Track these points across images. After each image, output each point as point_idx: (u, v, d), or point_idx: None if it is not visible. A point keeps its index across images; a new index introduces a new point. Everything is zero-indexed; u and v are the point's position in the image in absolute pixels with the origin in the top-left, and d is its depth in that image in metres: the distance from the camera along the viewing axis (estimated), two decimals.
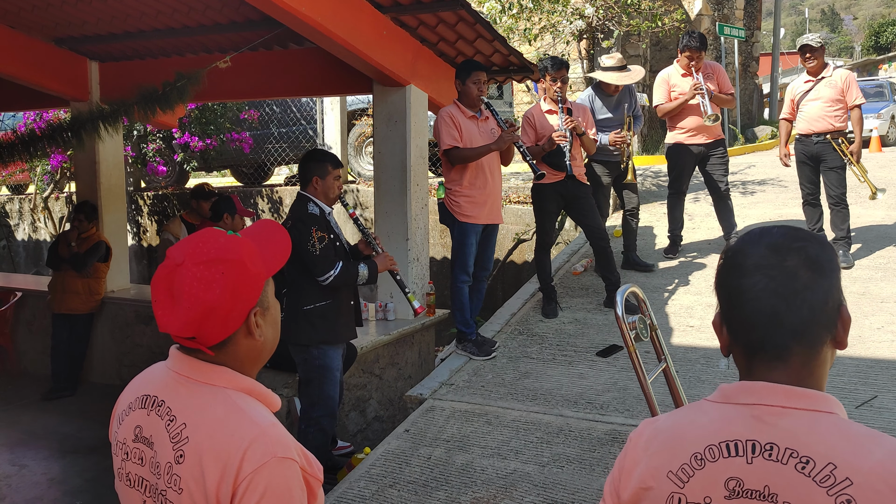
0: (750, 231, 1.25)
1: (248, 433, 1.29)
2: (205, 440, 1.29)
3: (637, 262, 6.51)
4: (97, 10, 5.62)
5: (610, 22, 8.87)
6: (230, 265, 1.34)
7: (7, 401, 6.48)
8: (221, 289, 1.32)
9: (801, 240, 1.19)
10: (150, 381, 1.45)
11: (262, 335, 1.41)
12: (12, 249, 12.22)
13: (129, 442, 1.41)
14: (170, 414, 1.36)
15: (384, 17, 5.15)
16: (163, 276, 1.35)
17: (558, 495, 3.52)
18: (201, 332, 1.33)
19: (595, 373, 4.84)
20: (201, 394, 1.36)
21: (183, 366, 1.39)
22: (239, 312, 1.35)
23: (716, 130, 6.44)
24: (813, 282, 1.15)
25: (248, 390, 1.38)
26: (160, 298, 1.35)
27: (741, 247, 1.22)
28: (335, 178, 4.14)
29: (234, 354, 1.39)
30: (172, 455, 1.31)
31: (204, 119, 10.19)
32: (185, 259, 1.34)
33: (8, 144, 5.58)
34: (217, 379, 1.37)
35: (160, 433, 1.35)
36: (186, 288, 1.31)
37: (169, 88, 5.14)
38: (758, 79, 17.25)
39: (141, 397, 1.42)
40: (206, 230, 1.41)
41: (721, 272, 1.24)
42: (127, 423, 1.43)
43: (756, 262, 1.18)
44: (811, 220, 6.43)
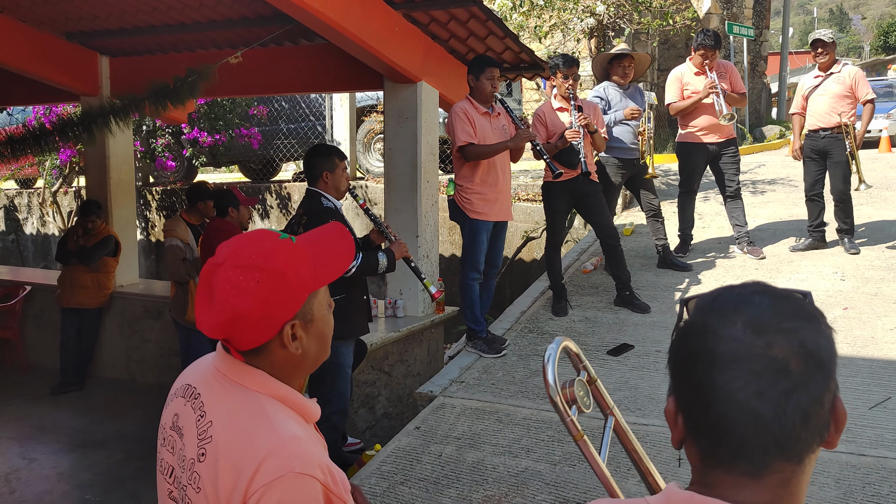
0: (719, 295, 0.96)
1: (267, 444, 1.23)
2: (224, 443, 1.26)
3: (674, 262, 6.47)
4: (108, 5, 5.62)
5: (621, 20, 8.84)
6: (267, 274, 1.28)
7: (16, 395, 6.50)
8: (253, 298, 1.26)
9: (791, 317, 0.90)
10: (196, 371, 1.42)
11: (301, 348, 1.34)
12: (21, 243, 12.24)
13: (167, 428, 1.39)
14: (201, 409, 1.33)
15: (396, 14, 5.13)
16: (206, 273, 1.32)
17: (570, 494, 3.50)
18: (232, 337, 1.30)
19: (606, 371, 4.82)
20: (233, 394, 1.31)
21: (223, 363, 1.35)
22: (271, 323, 1.29)
23: (728, 129, 6.42)
24: (807, 378, 0.88)
25: (281, 398, 1.32)
26: (201, 294, 1.32)
27: (710, 323, 0.92)
28: (343, 170, 4.14)
29: (268, 362, 1.33)
30: (196, 452, 1.29)
31: (213, 114, 10.20)
32: (225, 260, 1.30)
33: (18, 138, 5.58)
34: (251, 382, 1.32)
35: (190, 427, 1.33)
36: (220, 290, 1.28)
37: (180, 84, 5.13)
38: (766, 78, 17.19)
39: (184, 386, 1.40)
40: (259, 230, 1.36)
41: (681, 352, 0.95)
42: (169, 408, 1.41)
43: (733, 350, 0.89)
44: (813, 216, 6.46)
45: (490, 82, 5.06)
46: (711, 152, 6.44)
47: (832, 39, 6.28)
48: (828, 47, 6.20)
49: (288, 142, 10.76)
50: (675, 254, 6.67)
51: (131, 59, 6.74)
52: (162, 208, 11.06)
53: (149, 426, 5.61)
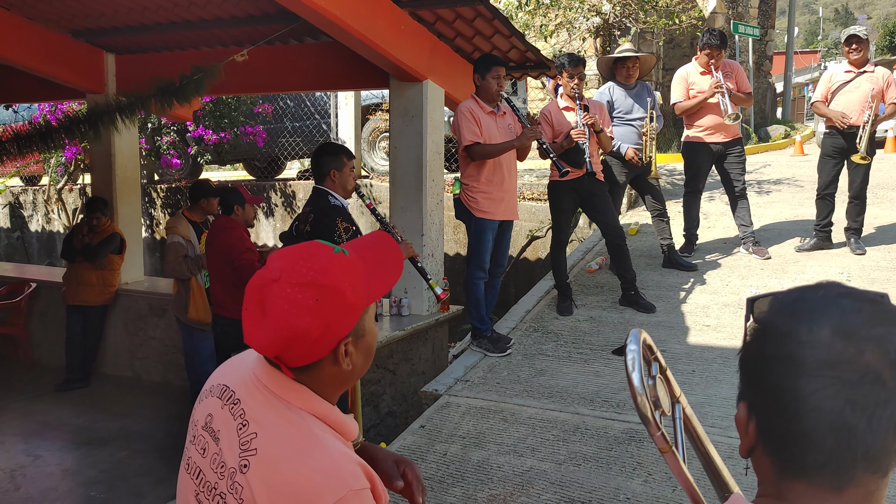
0: (801, 297, 0.90)
1: (322, 465, 1.22)
2: (273, 460, 1.23)
3: (679, 261, 6.46)
4: (114, 2, 5.62)
5: (627, 19, 8.82)
6: (327, 292, 1.24)
7: (21, 391, 6.51)
8: (312, 317, 1.22)
9: (880, 322, 0.85)
10: (234, 372, 1.38)
11: (351, 364, 1.31)
12: (26, 240, 12.27)
13: (199, 427, 1.35)
14: (243, 417, 1.28)
15: (402, 12, 5.13)
16: (256, 287, 1.27)
17: (575, 493, 3.50)
18: (284, 356, 1.26)
19: (611, 371, 4.82)
20: (276, 409, 1.27)
21: (265, 374, 1.31)
22: (328, 342, 1.26)
23: (733, 129, 6.40)
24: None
25: (323, 416, 1.29)
26: (250, 309, 1.26)
27: (792, 326, 0.87)
28: (350, 169, 4.14)
29: (316, 378, 1.30)
30: (237, 462, 1.25)
31: (218, 112, 10.20)
32: (281, 275, 1.24)
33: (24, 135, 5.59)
34: (295, 398, 1.28)
35: (230, 433, 1.28)
36: (277, 308, 1.22)
37: (186, 81, 5.13)
38: (771, 78, 17.15)
39: (220, 386, 1.36)
40: (314, 243, 1.31)
41: (758, 356, 0.90)
42: (203, 405, 1.37)
43: (821, 356, 0.83)
44: (822, 215, 6.40)
45: (496, 81, 5.06)
46: (717, 152, 6.43)
47: (867, 36, 6.22)
48: (863, 44, 6.15)
49: (293, 140, 10.77)
50: (681, 253, 6.65)
51: (137, 57, 6.75)
52: (167, 206, 11.07)
53: (153, 423, 5.65)
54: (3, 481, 4.78)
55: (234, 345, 4.67)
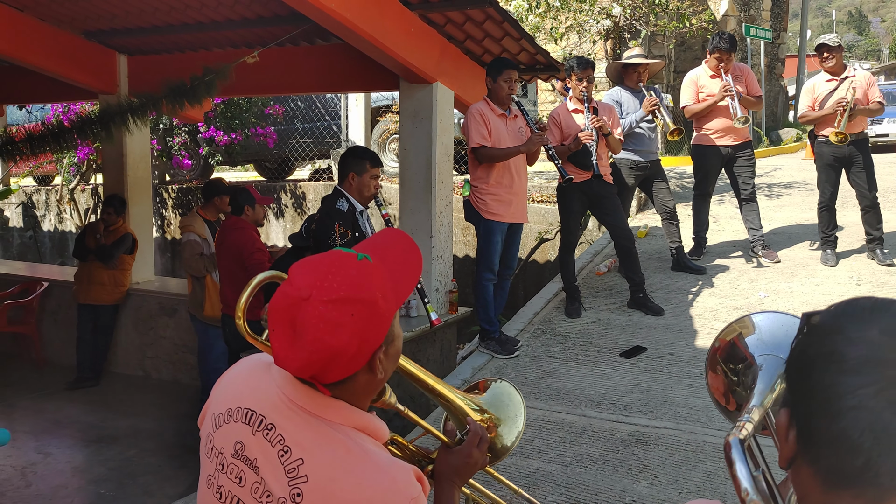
0: (853, 301, 0.88)
1: (380, 482, 1.20)
2: (326, 484, 1.20)
3: (688, 264, 6.44)
4: (126, 4, 5.67)
5: (637, 22, 8.82)
6: (362, 306, 1.20)
7: (32, 389, 6.56)
8: (350, 334, 1.18)
9: None
10: (254, 393, 1.31)
11: (384, 371, 1.29)
12: (38, 240, 12.36)
13: (228, 455, 1.29)
14: (283, 444, 1.24)
15: (412, 14, 5.14)
16: (285, 307, 1.21)
17: (581, 495, 3.51)
18: (321, 376, 1.22)
19: (618, 374, 4.82)
20: (318, 429, 1.24)
21: (297, 393, 1.26)
22: (364, 355, 1.23)
23: (743, 132, 6.38)
24: None
25: (363, 427, 1.27)
26: (280, 330, 1.21)
27: (840, 324, 0.84)
28: (372, 176, 4.13)
29: (351, 390, 1.27)
30: (288, 492, 1.21)
31: (229, 113, 10.25)
32: (311, 294, 1.19)
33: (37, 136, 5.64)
34: (334, 415, 1.25)
35: (271, 461, 1.24)
36: (311, 329, 1.17)
37: (197, 83, 5.17)
38: (783, 81, 17.08)
39: (244, 411, 1.30)
40: (337, 253, 1.27)
41: (804, 354, 0.87)
42: (225, 432, 1.31)
43: (867, 353, 0.80)
44: (828, 226, 6.33)
45: (507, 84, 5.08)
46: (726, 155, 6.41)
47: (837, 43, 6.21)
48: (834, 51, 6.13)
49: (303, 141, 10.81)
50: (690, 256, 6.64)
51: (149, 58, 6.80)
52: (178, 206, 11.13)
53: (163, 422, 5.69)
54: (15, 478, 4.82)
55: (243, 345, 4.69)
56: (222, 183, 6.38)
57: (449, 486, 1.52)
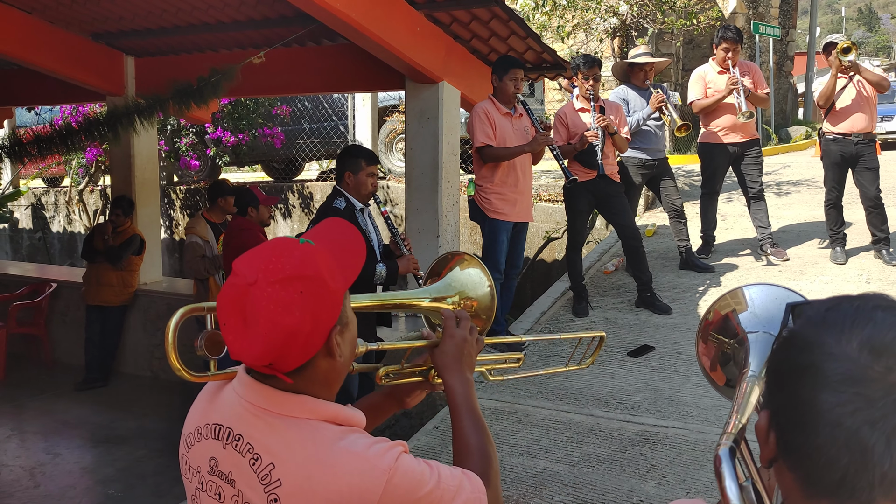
0: (835, 306, 0.85)
1: (354, 465, 1.18)
2: (301, 482, 1.18)
3: (696, 263, 6.41)
4: (133, 6, 5.69)
5: (644, 20, 8.79)
6: (310, 282, 1.19)
7: (41, 390, 6.59)
8: (302, 311, 1.17)
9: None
10: (220, 407, 1.30)
11: (342, 354, 1.27)
12: (48, 241, 12.41)
13: (205, 473, 1.28)
14: (252, 452, 1.22)
15: (418, 14, 5.14)
16: (232, 297, 1.19)
17: (588, 495, 3.49)
18: (280, 360, 1.19)
19: (626, 373, 4.80)
20: (285, 430, 1.22)
21: (258, 397, 1.24)
22: (320, 334, 1.21)
23: (750, 129, 6.36)
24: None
25: (332, 418, 1.24)
26: (230, 322, 1.19)
27: (821, 337, 0.82)
28: (369, 174, 4.11)
29: (312, 378, 1.25)
30: (266, 498, 1.20)
31: (236, 114, 10.28)
32: (258, 278, 1.17)
33: (46, 138, 5.66)
34: (299, 411, 1.23)
35: (244, 472, 1.22)
36: (263, 312, 1.16)
37: (203, 84, 5.18)
38: (792, 78, 17.00)
39: (213, 426, 1.28)
40: (278, 239, 1.27)
41: (784, 365, 0.86)
42: (198, 450, 1.30)
43: (846, 370, 0.79)
44: (836, 224, 6.30)
45: (513, 83, 5.06)
46: (733, 153, 6.38)
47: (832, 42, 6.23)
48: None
49: (311, 141, 10.82)
50: (698, 255, 6.61)
51: (156, 60, 6.82)
52: (186, 207, 11.16)
53: (171, 423, 5.70)
54: (24, 479, 4.84)
55: None
56: (226, 184, 6.39)
57: (451, 375, 1.51)
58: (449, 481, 1.26)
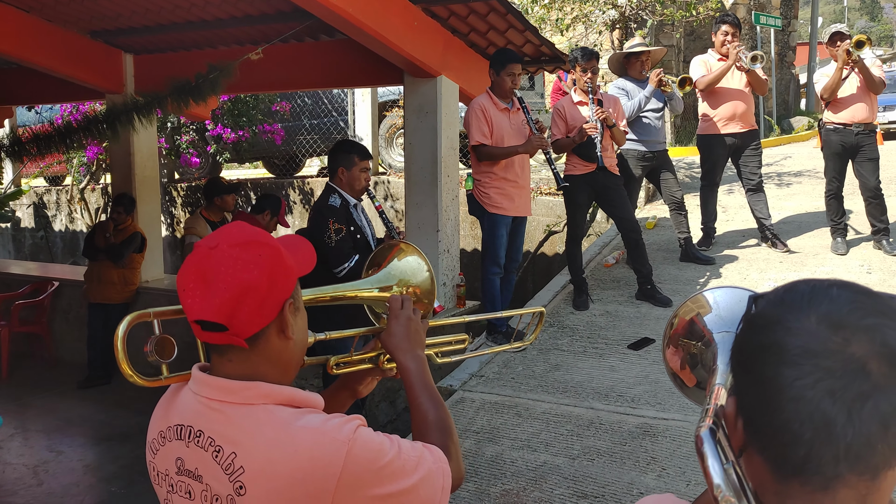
0: (792, 287, 0.86)
1: (312, 442, 1.21)
2: (263, 466, 1.20)
3: (697, 255, 6.39)
4: (131, 3, 5.68)
5: (643, 11, 8.76)
6: (267, 248, 1.27)
7: (44, 388, 6.61)
8: (260, 270, 1.24)
9: (874, 314, 0.80)
10: (178, 408, 1.34)
11: (294, 334, 1.32)
12: (50, 240, 12.43)
13: (173, 474, 1.31)
14: (214, 444, 1.24)
15: (415, 8, 5.13)
16: (194, 263, 1.27)
17: (588, 488, 3.50)
18: (236, 318, 1.23)
19: (626, 366, 4.80)
20: (242, 417, 1.24)
21: (212, 390, 1.28)
22: (275, 300, 1.27)
23: (749, 119, 6.34)
24: (889, 381, 0.77)
25: (287, 401, 1.27)
26: (190, 286, 1.25)
27: (780, 315, 0.83)
28: (362, 169, 4.11)
29: (266, 354, 1.29)
30: (231, 487, 1.22)
31: (236, 111, 10.27)
32: (219, 242, 1.26)
33: (45, 136, 5.67)
34: (254, 397, 1.25)
35: (209, 466, 1.25)
36: (223, 269, 1.23)
37: (202, 80, 5.17)
38: (794, 69, 16.93)
39: (174, 427, 1.31)
40: (236, 222, 1.35)
41: (746, 346, 0.86)
42: (164, 453, 1.33)
43: (805, 343, 0.79)
44: (836, 214, 6.27)
45: (511, 78, 5.05)
46: (732, 145, 6.36)
47: (849, 32, 6.19)
48: (846, 39, 6.10)
49: (311, 137, 10.82)
50: (699, 247, 6.60)
51: (155, 57, 6.81)
52: (187, 204, 11.17)
53: None
54: (27, 476, 4.86)
55: None
56: (222, 182, 6.41)
57: (402, 355, 1.55)
58: (409, 452, 1.29)
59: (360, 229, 4.09)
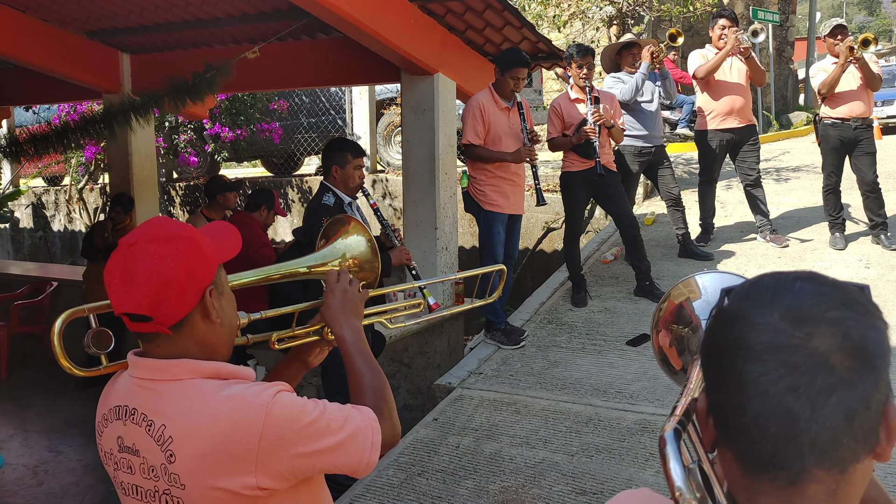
0: (757, 281, 0.87)
1: (233, 406, 1.29)
2: (190, 434, 1.29)
3: (695, 251, 6.39)
4: (128, 3, 5.67)
5: (640, 7, 8.75)
6: (184, 241, 1.35)
7: (43, 388, 6.60)
8: (176, 262, 1.32)
9: (838, 307, 0.80)
10: (118, 391, 1.43)
11: (220, 317, 1.40)
12: (48, 240, 12.43)
13: (116, 452, 1.40)
14: (146, 419, 1.34)
15: (411, 6, 5.12)
16: (116, 260, 1.35)
17: (587, 485, 3.50)
18: (158, 309, 1.32)
19: (625, 362, 4.81)
20: (170, 392, 1.34)
21: (143, 370, 1.38)
22: (195, 288, 1.35)
23: (747, 113, 6.34)
24: (853, 375, 0.78)
25: (214, 374, 1.36)
26: (114, 282, 1.34)
27: (745, 310, 0.83)
28: (355, 167, 4.09)
29: (192, 338, 1.37)
30: (163, 457, 1.31)
31: (234, 110, 10.27)
32: (137, 239, 1.34)
33: (43, 136, 5.66)
34: (179, 373, 1.34)
35: (143, 440, 1.34)
36: (141, 264, 1.31)
37: (198, 79, 5.17)
38: (793, 64, 16.93)
39: (113, 409, 1.41)
40: (156, 217, 1.42)
41: (713, 341, 0.86)
42: (107, 434, 1.42)
43: (769, 339, 0.79)
44: (834, 209, 6.26)
45: (514, 81, 5.05)
46: (731, 141, 6.36)
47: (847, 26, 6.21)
48: (846, 33, 6.11)
49: (309, 136, 10.81)
50: (697, 243, 6.60)
51: (152, 56, 6.80)
52: (185, 204, 11.17)
53: None
54: (27, 477, 4.87)
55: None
56: (224, 180, 6.40)
57: (339, 325, 1.63)
58: (335, 413, 1.37)
59: None
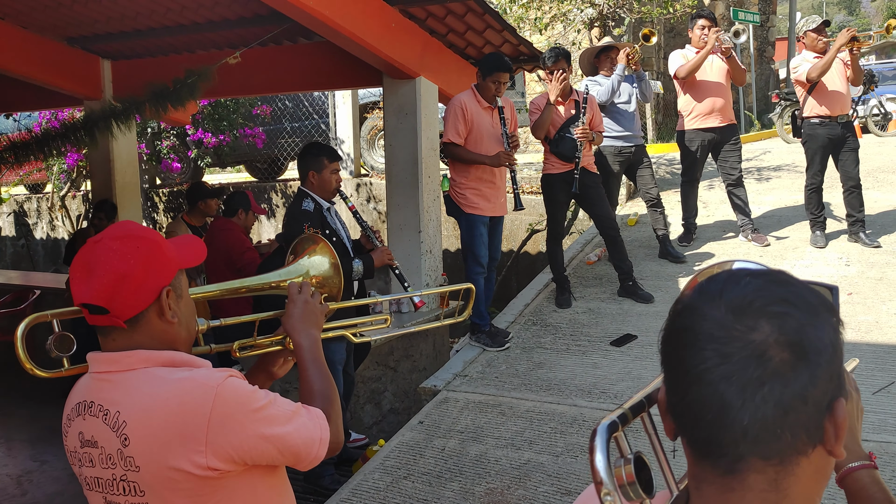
0: (714, 276, 0.90)
1: (183, 388, 1.36)
2: (142, 417, 1.36)
3: (670, 251, 6.42)
4: (108, 9, 5.65)
5: (621, 9, 8.80)
6: (145, 241, 1.43)
7: (27, 397, 6.55)
8: (135, 260, 1.39)
9: (782, 301, 0.82)
10: (79, 390, 1.51)
11: (176, 317, 1.46)
12: (31, 248, 12.34)
13: (78, 449, 1.46)
14: (102, 409, 1.41)
15: (392, 10, 5.13)
16: (81, 254, 1.43)
17: (572, 485, 3.52)
18: (114, 302, 1.39)
19: (609, 362, 4.83)
20: (124, 381, 1.41)
21: (100, 365, 1.45)
22: (152, 286, 1.42)
23: (728, 113, 6.39)
24: (788, 368, 0.79)
25: (167, 362, 1.43)
26: (76, 274, 1.42)
27: (695, 302, 0.86)
28: (332, 171, 4.09)
29: (147, 333, 1.44)
30: (118, 442, 1.38)
31: (217, 115, 10.23)
32: (103, 237, 1.43)
33: (23, 144, 5.63)
34: (133, 362, 1.41)
35: (101, 430, 1.41)
36: (102, 260, 1.39)
37: (179, 85, 5.16)
38: (774, 64, 17.06)
39: (74, 406, 1.48)
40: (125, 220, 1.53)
41: (665, 330, 0.89)
42: (71, 433, 1.48)
43: (710, 330, 0.82)
44: (817, 207, 6.30)
45: (495, 86, 5.06)
46: (712, 140, 6.40)
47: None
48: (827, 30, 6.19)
49: (292, 140, 10.79)
50: (680, 243, 6.65)
51: (132, 62, 6.78)
52: (169, 210, 11.12)
53: None
54: (10, 487, 4.83)
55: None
56: (205, 186, 6.39)
57: (297, 334, 1.70)
58: (285, 405, 1.44)
59: (336, 232, 4.08)
